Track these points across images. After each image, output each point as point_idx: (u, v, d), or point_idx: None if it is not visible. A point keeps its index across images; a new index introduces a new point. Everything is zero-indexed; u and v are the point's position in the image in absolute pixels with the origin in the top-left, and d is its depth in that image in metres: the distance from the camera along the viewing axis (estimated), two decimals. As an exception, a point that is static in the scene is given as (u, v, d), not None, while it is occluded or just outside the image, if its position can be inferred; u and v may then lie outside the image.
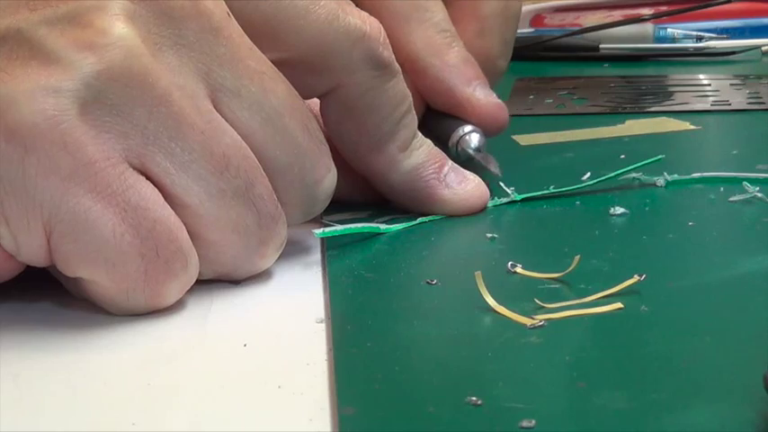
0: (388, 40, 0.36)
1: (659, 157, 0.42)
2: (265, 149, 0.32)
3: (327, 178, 0.34)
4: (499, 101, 0.44)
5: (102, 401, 0.25)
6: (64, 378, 0.27)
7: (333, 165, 0.34)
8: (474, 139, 0.42)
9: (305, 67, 0.35)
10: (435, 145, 0.40)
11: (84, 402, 0.25)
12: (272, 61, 0.33)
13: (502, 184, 0.41)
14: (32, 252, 0.29)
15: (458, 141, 0.42)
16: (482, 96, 0.43)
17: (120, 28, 0.29)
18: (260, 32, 0.33)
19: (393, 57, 0.36)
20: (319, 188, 0.34)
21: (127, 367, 0.27)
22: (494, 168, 0.41)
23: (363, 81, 0.36)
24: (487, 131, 0.43)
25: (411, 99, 0.38)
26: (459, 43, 0.44)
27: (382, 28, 0.36)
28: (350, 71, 0.35)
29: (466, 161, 0.42)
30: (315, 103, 0.37)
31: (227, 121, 0.31)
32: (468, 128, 0.43)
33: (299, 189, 0.33)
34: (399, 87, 0.37)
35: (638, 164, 0.42)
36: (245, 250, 0.32)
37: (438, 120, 0.44)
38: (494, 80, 0.46)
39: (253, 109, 0.32)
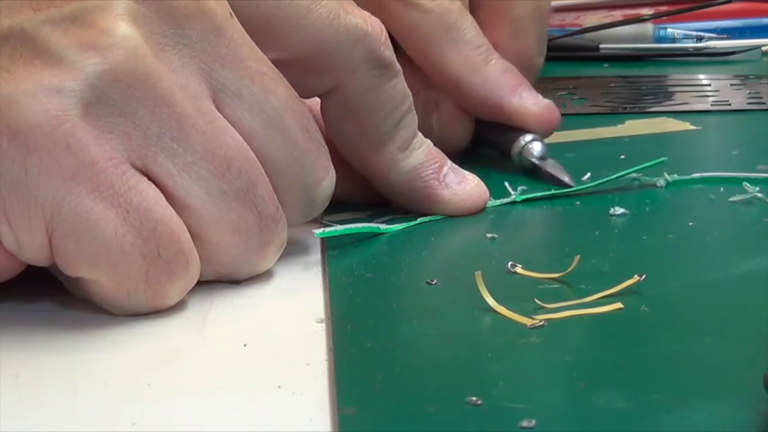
0: (389, 40, 0.36)
1: (662, 159, 0.42)
2: (266, 150, 0.32)
3: (326, 180, 0.34)
4: (547, 101, 0.45)
5: (102, 401, 0.25)
6: (64, 378, 0.27)
7: (332, 167, 0.34)
8: (536, 148, 0.43)
9: (306, 66, 0.35)
10: (496, 155, 0.40)
11: (84, 402, 0.25)
12: (273, 60, 0.33)
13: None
14: (34, 251, 0.29)
15: (520, 152, 0.43)
16: (530, 103, 0.44)
17: (123, 28, 0.29)
18: (261, 32, 0.33)
19: (394, 56, 0.36)
20: (318, 189, 0.34)
21: (127, 367, 0.27)
22: (563, 176, 0.41)
23: (364, 81, 0.36)
24: (542, 134, 0.44)
25: (411, 99, 0.38)
26: (495, 54, 0.44)
27: (384, 27, 0.36)
28: (351, 71, 0.35)
29: (531, 170, 0.43)
30: (315, 102, 0.37)
31: (228, 121, 0.31)
32: (528, 137, 0.43)
33: (298, 190, 0.33)
34: (400, 87, 0.37)
35: (641, 166, 0.42)
36: (246, 251, 0.32)
37: (493, 131, 0.44)
38: (532, 78, 0.46)
39: (253, 110, 0.32)
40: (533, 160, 0.42)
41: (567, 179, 0.41)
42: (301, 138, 0.33)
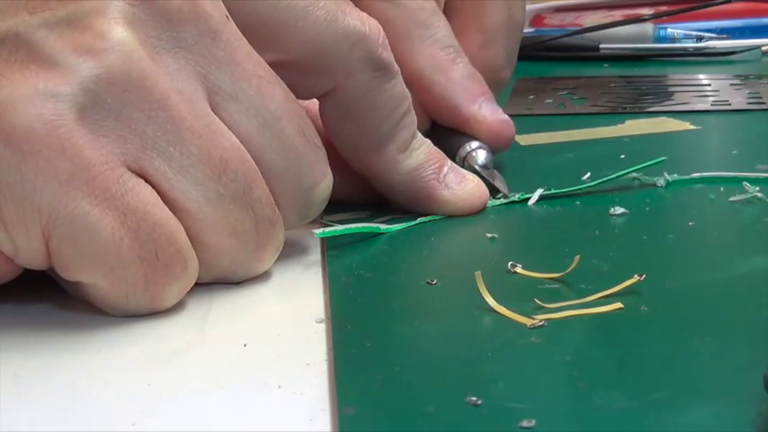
0: (387, 41, 0.36)
1: (662, 158, 0.42)
2: (262, 153, 0.32)
3: (323, 183, 0.34)
4: (505, 116, 0.44)
5: (101, 401, 0.25)
6: (64, 378, 0.27)
7: (329, 170, 0.34)
8: (480, 156, 0.42)
9: (303, 68, 0.35)
10: None
11: (84, 402, 0.25)
12: (271, 63, 0.33)
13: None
14: (31, 256, 0.29)
15: (464, 158, 0.43)
16: (488, 113, 0.44)
17: (119, 32, 0.29)
18: (258, 34, 0.33)
19: (392, 57, 0.36)
20: (315, 192, 0.34)
21: (127, 367, 0.27)
22: (501, 186, 0.41)
23: (363, 82, 0.36)
24: (494, 148, 0.43)
25: (410, 100, 0.38)
26: (464, 59, 0.44)
27: (381, 29, 0.36)
28: (349, 72, 0.35)
29: None
30: (314, 103, 0.37)
31: (224, 124, 0.31)
32: (474, 144, 0.43)
33: (294, 193, 0.33)
34: (399, 88, 0.37)
35: (641, 165, 0.42)
36: (243, 254, 0.32)
37: (444, 135, 0.44)
38: (497, 91, 0.46)
39: (250, 112, 0.32)
40: (476, 167, 0.42)
41: (502, 188, 0.41)
42: (298, 141, 0.33)
